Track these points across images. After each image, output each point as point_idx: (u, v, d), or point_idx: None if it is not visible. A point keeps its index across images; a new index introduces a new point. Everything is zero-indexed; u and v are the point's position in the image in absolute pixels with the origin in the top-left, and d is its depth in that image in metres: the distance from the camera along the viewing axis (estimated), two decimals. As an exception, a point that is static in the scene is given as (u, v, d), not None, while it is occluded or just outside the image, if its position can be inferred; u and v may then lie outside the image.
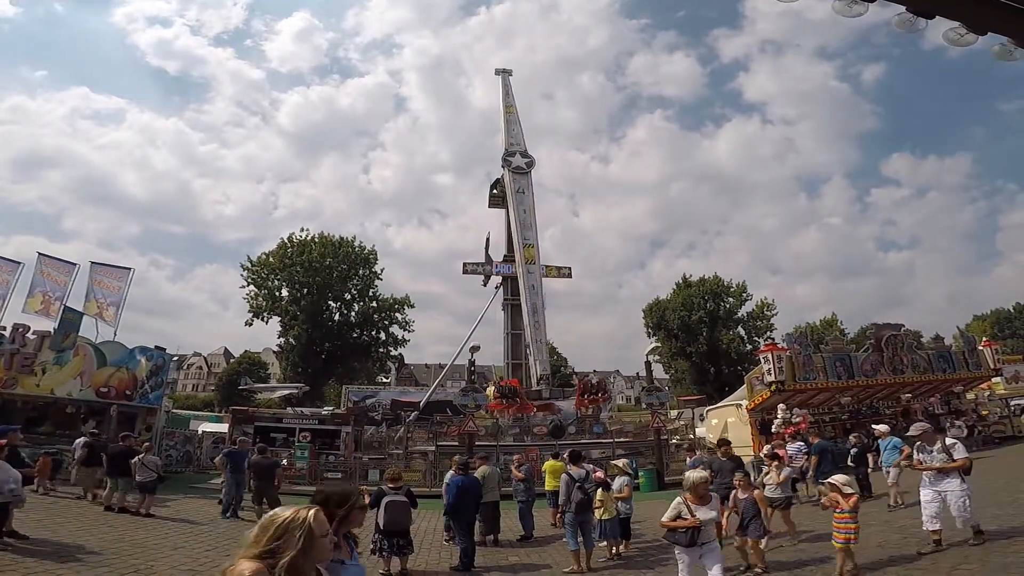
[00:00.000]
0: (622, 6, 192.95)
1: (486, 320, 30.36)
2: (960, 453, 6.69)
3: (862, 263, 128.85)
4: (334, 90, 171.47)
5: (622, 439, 23.18)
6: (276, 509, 1.89)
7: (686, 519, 5.23)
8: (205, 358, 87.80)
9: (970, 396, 23.18)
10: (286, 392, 34.68)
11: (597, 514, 8.01)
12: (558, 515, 10.12)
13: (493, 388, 24.26)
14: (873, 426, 13.85)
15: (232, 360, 66.72)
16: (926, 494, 6.79)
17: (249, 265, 44.84)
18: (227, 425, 20.96)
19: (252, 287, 44.60)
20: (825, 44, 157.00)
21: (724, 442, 9.60)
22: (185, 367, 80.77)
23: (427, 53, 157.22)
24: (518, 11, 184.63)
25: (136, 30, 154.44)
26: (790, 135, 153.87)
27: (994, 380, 23.67)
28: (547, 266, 30.50)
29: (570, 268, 31.55)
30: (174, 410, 26.56)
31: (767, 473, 8.96)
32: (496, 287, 29.73)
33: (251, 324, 44.50)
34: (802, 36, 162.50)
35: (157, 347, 20.54)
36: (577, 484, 8.06)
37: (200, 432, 22.03)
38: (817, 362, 20.24)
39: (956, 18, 2.41)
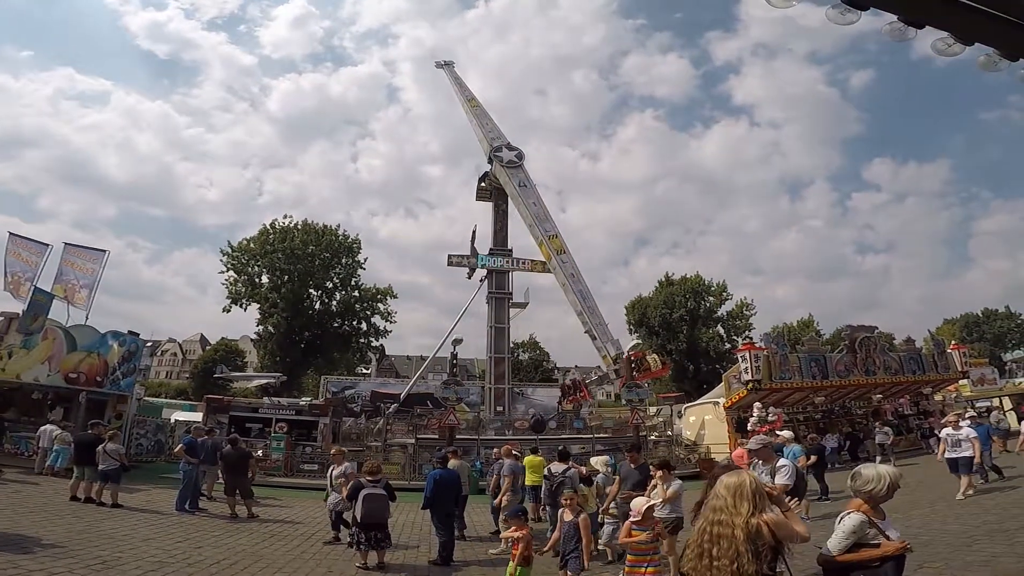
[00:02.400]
0: (619, 6, 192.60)
1: (470, 313, 30.33)
2: (782, 478, 5.66)
3: (840, 266, 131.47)
4: (326, 78, 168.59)
5: (602, 435, 23.42)
6: None
7: (877, 544, 3.07)
8: (180, 344, 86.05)
9: (938, 398, 23.87)
10: (263, 381, 34.19)
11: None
12: (541, 509, 10.25)
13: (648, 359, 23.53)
14: (777, 432, 13.86)
15: (208, 347, 65.48)
16: None
17: (229, 250, 44.02)
18: (201, 414, 20.59)
19: (231, 273, 43.84)
20: (816, 49, 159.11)
21: (634, 447, 8.63)
22: (159, 353, 79.10)
23: (422, 44, 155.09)
24: (516, 5, 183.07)
25: (129, 12, 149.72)
26: (776, 138, 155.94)
27: (961, 382, 24.42)
28: (531, 260, 30.50)
29: (555, 263, 31.58)
30: (146, 398, 25.93)
31: (653, 486, 6.75)
32: (481, 280, 29.66)
33: (229, 311, 43.84)
34: (795, 41, 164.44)
35: (130, 332, 20.00)
36: (545, 476, 8.69)
37: (173, 421, 21.60)
38: (793, 362, 20.60)
39: (945, 28, 2.46)
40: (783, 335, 25.44)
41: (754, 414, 19.14)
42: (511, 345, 33.33)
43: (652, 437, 23.29)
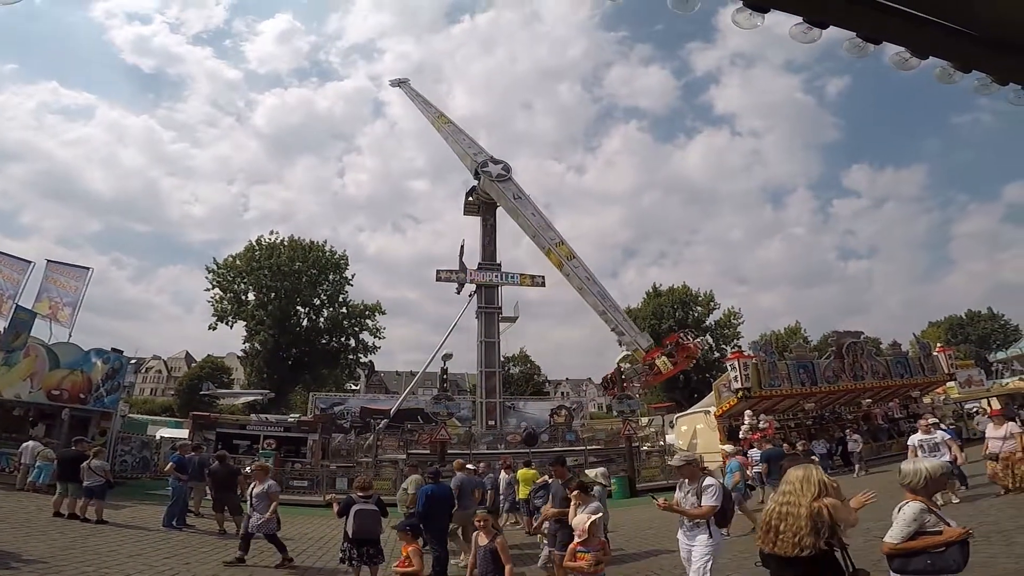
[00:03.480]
0: (602, 19, 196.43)
1: (459, 327, 30.19)
2: (708, 499, 4.82)
3: (824, 272, 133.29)
4: (312, 92, 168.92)
5: (594, 447, 23.35)
6: None
7: (938, 532, 3.17)
8: (165, 362, 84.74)
9: (927, 400, 24.14)
10: (250, 398, 33.70)
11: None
12: (531, 520, 10.12)
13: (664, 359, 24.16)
14: (721, 446, 14.03)
15: (194, 364, 64.52)
16: (680, 542, 5.13)
17: (215, 268, 43.61)
18: (187, 431, 20.23)
19: (217, 290, 43.39)
20: (792, 58, 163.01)
21: (558, 461, 7.80)
22: (143, 371, 77.70)
23: (408, 59, 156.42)
24: (501, 20, 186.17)
25: (114, 26, 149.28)
26: (757, 147, 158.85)
27: (949, 384, 24.75)
28: (521, 275, 30.57)
29: (543, 277, 31.57)
30: (131, 415, 25.44)
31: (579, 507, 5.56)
32: (470, 295, 29.57)
33: (215, 328, 43.25)
34: (771, 49, 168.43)
35: (114, 349, 19.67)
36: (536, 488, 8.44)
37: (158, 438, 21.19)
38: (781, 369, 20.73)
39: (901, 43, 2.56)
40: (771, 343, 25.70)
41: (745, 422, 19.21)
42: (502, 359, 33.23)
43: (645, 448, 23.27)
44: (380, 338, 47.03)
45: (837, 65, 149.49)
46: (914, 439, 10.45)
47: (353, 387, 50.48)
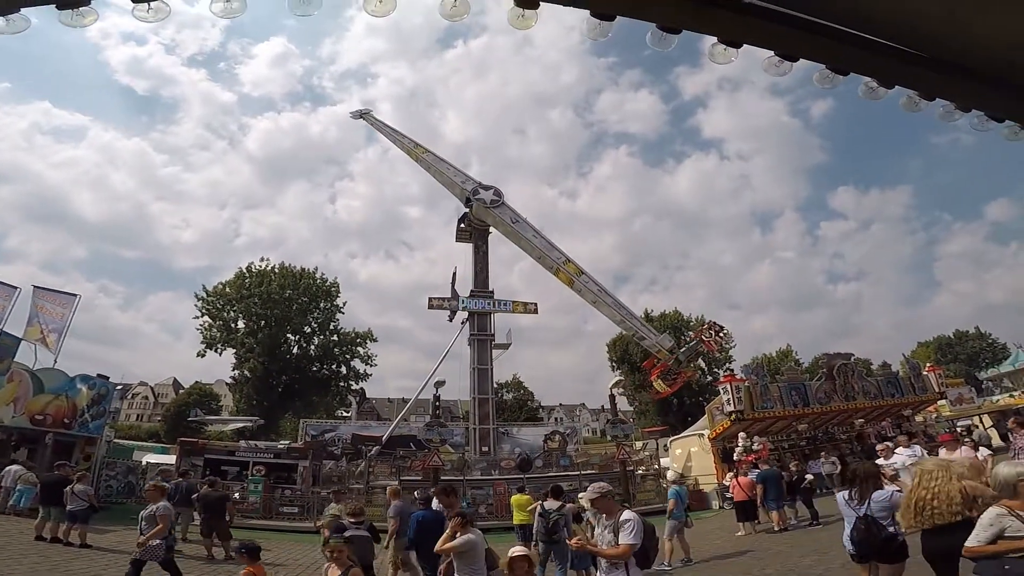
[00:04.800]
0: (592, 44, 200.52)
1: (452, 354, 30.06)
2: (626, 536, 4.23)
3: (813, 296, 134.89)
4: (305, 117, 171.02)
5: (588, 471, 23.14)
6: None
7: (1020, 536, 3.23)
8: (152, 388, 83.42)
9: (919, 419, 24.25)
10: (239, 425, 33.13)
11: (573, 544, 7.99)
12: (532, 546, 10.00)
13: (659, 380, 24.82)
14: (670, 472, 14.09)
15: (181, 391, 63.52)
16: None
17: (204, 295, 43.37)
18: (174, 457, 19.93)
19: (207, 318, 43.05)
20: (777, 81, 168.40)
21: (444, 490, 7.32)
22: (130, 396, 76.35)
23: (402, 84, 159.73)
24: (495, 45, 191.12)
25: (109, 46, 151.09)
26: (746, 171, 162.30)
27: (940, 403, 24.91)
28: (513, 302, 30.66)
29: (536, 304, 31.65)
30: (116, 440, 24.98)
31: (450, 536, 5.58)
32: (463, 322, 29.52)
33: (204, 355, 42.76)
34: (756, 73, 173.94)
35: (100, 375, 19.47)
36: (539, 514, 8.19)
37: (144, 463, 20.81)
38: (773, 391, 20.79)
39: (868, 74, 2.62)
40: (763, 366, 25.83)
41: (739, 444, 19.20)
42: (495, 385, 33.04)
43: (640, 471, 23.10)
44: (372, 365, 46.83)
45: (821, 88, 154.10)
46: (897, 459, 10.00)
47: (344, 414, 49.78)
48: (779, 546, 10.33)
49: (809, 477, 14.97)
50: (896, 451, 10.19)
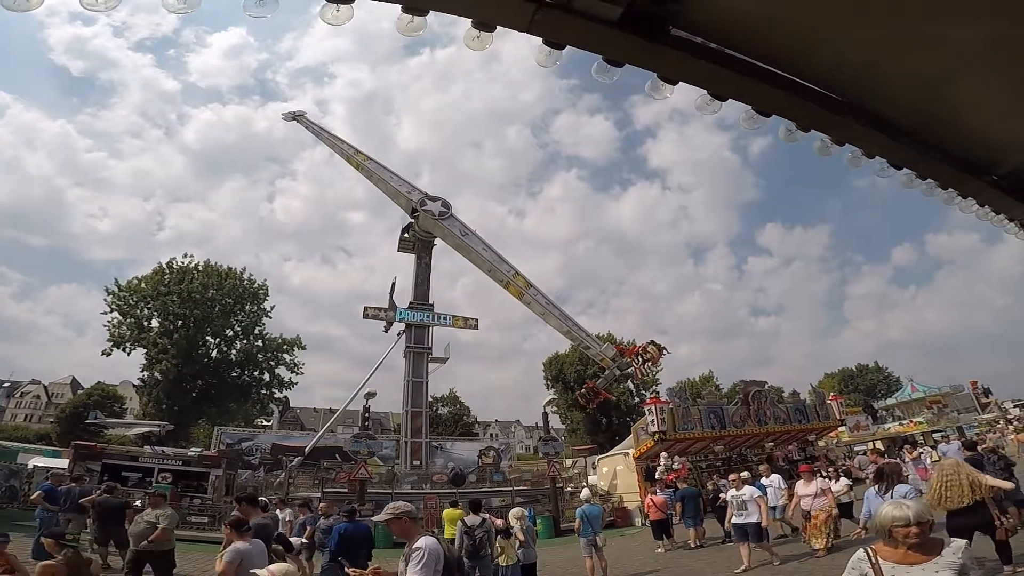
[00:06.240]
0: (557, 66, 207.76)
1: (385, 366, 29.44)
2: (412, 568, 3.50)
3: (737, 326, 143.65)
4: (252, 111, 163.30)
5: (521, 487, 23.29)
6: None
7: None
8: (45, 387, 75.40)
9: (821, 443, 26.22)
10: (145, 429, 30.65)
11: (500, 560, 8.00)
12: None
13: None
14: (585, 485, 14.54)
15: (80, 391, 57.90)
16: None
17: (116, 290, 40.04)
18: (67, 460, 18.25)
19: (116, 314, 39.71)
20: (724, 116, 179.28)
21: (243, 499, 6.78)
22: (18, 395, 68.65)
23: (360, 86, 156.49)
24: (462, 57, 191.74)
25: (53, 24, 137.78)
26: (685, 202, 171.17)
27: (840, 429, 27.10)
28: (454, 316, 30.54)
29: (476, 320, 31.76)
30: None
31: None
32: (399, 334, 29.00)
33: (109, 354, 39.25)
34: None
35: (-17, 371, 17.52)
36: (464, 531, 8.08)
37: (31, 466, 18.82)
38: (694, 414, 21.84)
39: (788, 117, 2.79)
40: (686, 389, 27.06)
41: (661, 463, 19.93)
42: (430, 399, 32.58)
43: (569, 488, 23.47)
44: (298, 373, 44.68)
45: (748, 128, 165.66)
46: (731, 493, 9.92)
47: (265, 423, 47.20)
48: (695, 562, 10.72)
49: (723, 496, 15.76)
50: (747, 484, 10.13)
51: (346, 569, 3.85)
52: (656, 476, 19.57)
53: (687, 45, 2.26)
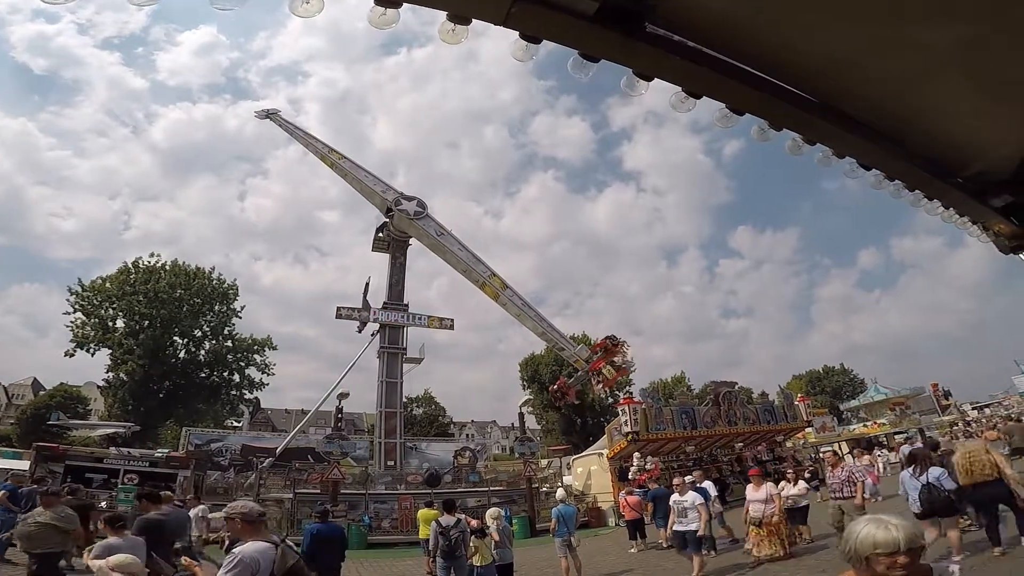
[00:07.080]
0: (534, 65, 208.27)
1: (359, 367, 29.09)
2: (223, 571, 3.32)
3: (708, 328, 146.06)
4: (222, 110, 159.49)
5: (497, 487, 23.30)
6: None
7: None
8: (5, 388, 72.48)
9: (789, 444, 26.87)
10: (110, 431, 29.64)
11: (474, 560, 7.97)
12: (430, 562, 9.86)
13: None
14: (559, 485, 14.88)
15: (42, 392, 55.79)
16: None
17: (79, 290, 38.70)
18: (28, 462, 17.61)
19: (80, 314, 38.40)
20: (698, 118, 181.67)
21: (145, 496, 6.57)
22: (-24, 396, 65.51)
23: (334, 86, 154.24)
24: (439, 56, 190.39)
25: (15, 21, 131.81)
26: (659, 205, 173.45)
27: (807, 430, 27.78)
28: (429, 317, 30.38)
29: (452, 320, 31.66)
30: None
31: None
32: (372, 334, 28.70)
33: (73, 355, 37.94)
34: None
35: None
36: (440, 531, 8.07)
37: (-11, 468, 18.08)
38: (667, 414, 22.11)
39: (761, 116, 2.75)
40: (658, 390, 27.52)
41: (634, 463, 20.17)
42: (405, 400, 32.30)
43: (544, 489, 23.56)
44: (269, 374, 43.86)
45: (734, 127, 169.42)
46: (673, 499, 9.48)
47: (235, 424, 46.09)
48: (667, 562, 10.75)
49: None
50: (691, 489, 9.68)
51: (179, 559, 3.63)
52: (629, 476, 19.83)
53: (663, 42, 2.27)
